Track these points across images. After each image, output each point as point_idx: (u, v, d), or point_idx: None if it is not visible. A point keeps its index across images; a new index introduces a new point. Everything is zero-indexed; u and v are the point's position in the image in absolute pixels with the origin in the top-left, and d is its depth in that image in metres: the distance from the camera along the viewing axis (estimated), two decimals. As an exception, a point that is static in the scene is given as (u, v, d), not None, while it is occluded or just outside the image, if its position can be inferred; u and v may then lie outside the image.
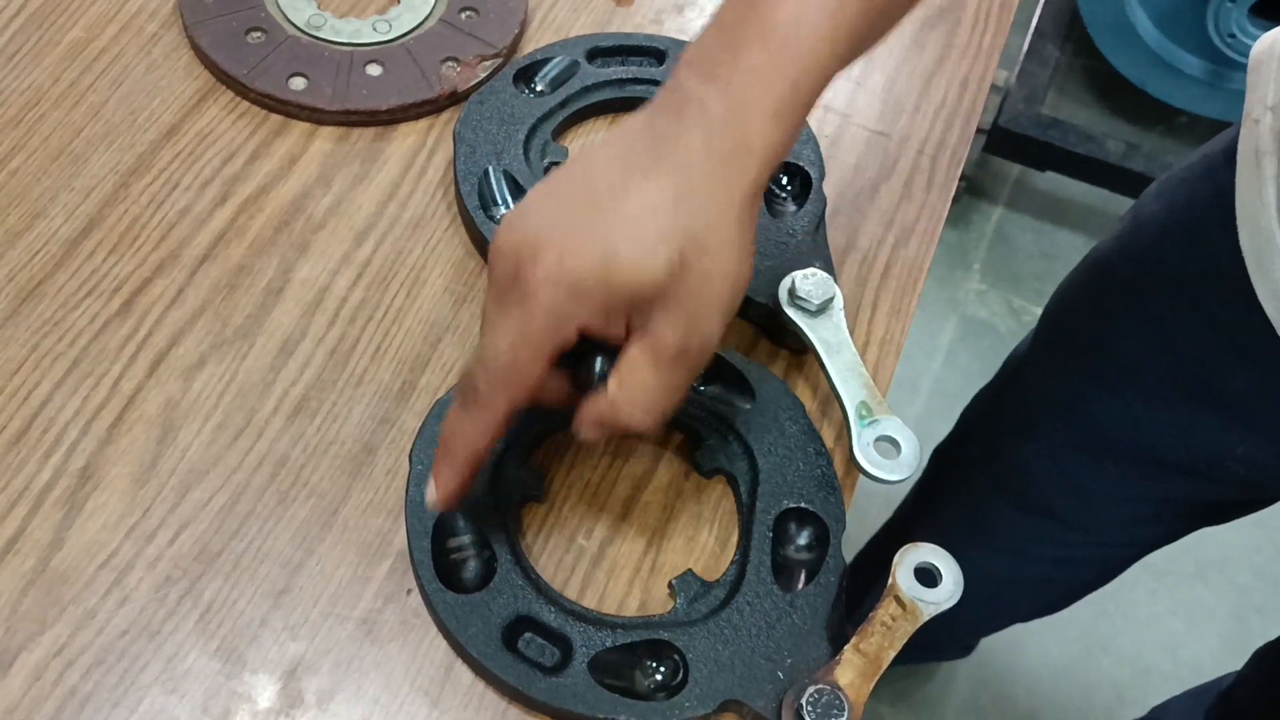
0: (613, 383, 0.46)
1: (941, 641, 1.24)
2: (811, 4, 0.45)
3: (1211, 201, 0.65)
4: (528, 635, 0.50)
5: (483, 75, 0.67)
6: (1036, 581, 1.00)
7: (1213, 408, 0.70)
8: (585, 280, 0.43)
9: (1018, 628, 1.42)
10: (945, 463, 1.01)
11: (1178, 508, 0.83)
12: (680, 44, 0.69)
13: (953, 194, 0.68)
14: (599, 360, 0.46)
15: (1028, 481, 0.86)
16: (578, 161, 0.47)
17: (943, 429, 1.03)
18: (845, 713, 0.47)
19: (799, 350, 0.60)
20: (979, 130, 1.72)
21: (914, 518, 1.09)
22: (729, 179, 0.44)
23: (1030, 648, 1.45)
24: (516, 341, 0.44)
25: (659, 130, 0.45)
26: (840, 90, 0.71)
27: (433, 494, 0.48)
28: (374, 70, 0.67)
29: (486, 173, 0.62)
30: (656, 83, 0.68)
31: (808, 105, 0.46)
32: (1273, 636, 0.92)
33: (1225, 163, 0.63)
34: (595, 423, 0.47)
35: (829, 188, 0.64)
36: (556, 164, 0.65)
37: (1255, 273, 0.61)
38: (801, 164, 0.65)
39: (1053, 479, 0.84)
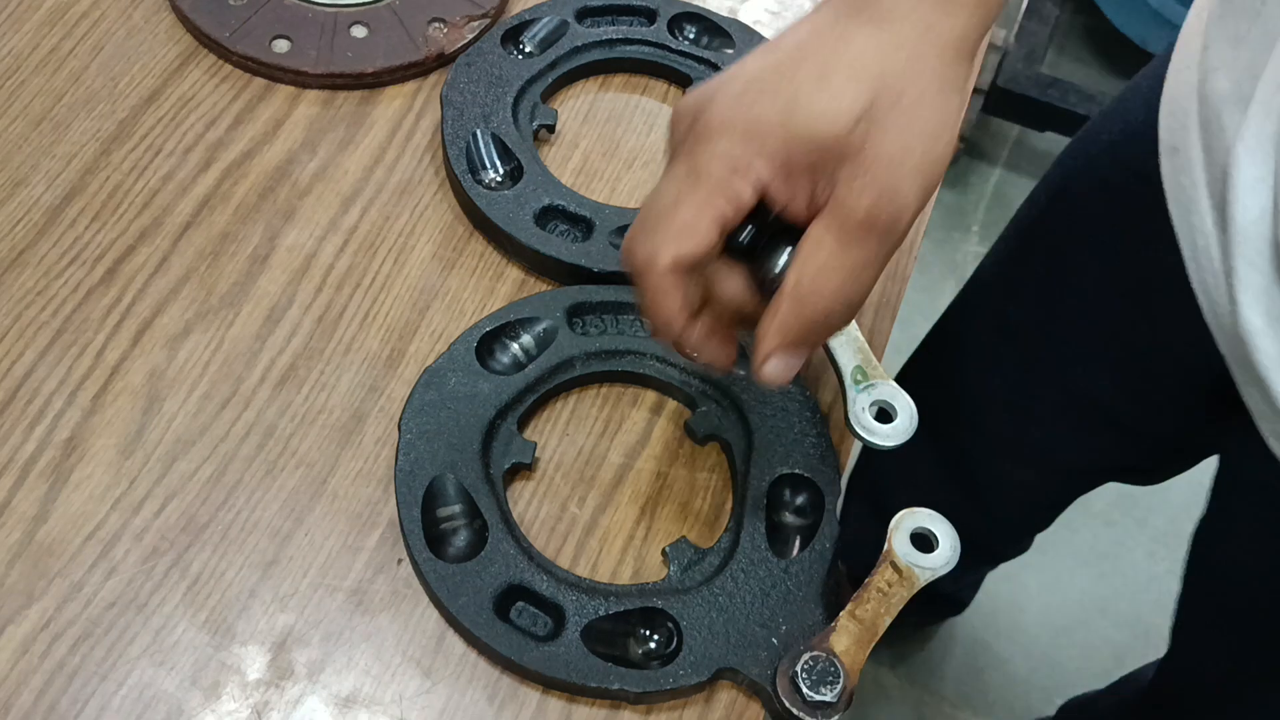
0: (793, 274, 0.40)
1: (932, 597, 1.24)
2: None
3: (1133, 108, 0.65)
4: (520, 604, 0.49)
5: (470, 36, 0.66)
6: (983, 509, 0.99)
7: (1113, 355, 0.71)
8: (763, 122, 0.39)
9: (1016, 588, 1.42)
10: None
11: (1087, 456, 0.84)
12: (671, 4, 0.68)
13: (951, 155, 0.67)
14: (783, 252, 0.41)
15: (972, 400, 0.87)
16: (759, 50, 0.43)
17: (941, 392, 1.02)
18: (840, 680, 0.46)
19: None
20: (977, 90, 1.70)
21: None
22: (933, 25, 0.40)
23: (1029, 609, 1.45)
24: (684, 189, 0.40)
25: (852, 13, 0.41)
26: (835, 49, 0.70)
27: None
28: (359, 32, 0.65)
29: (475, 136, 0.61)
30: (648, 43, 0.67)
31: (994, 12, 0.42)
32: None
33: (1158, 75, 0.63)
34: (779, 331, 0.41)
35: (823, 148, 0.63)
36: (546, 126, 0.64)
37: (1165, 159, 0.60)
38: (795, 124, 0.63)
39: (986, 396, 0.85)
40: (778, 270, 0.42)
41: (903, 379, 0.51)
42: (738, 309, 0.44)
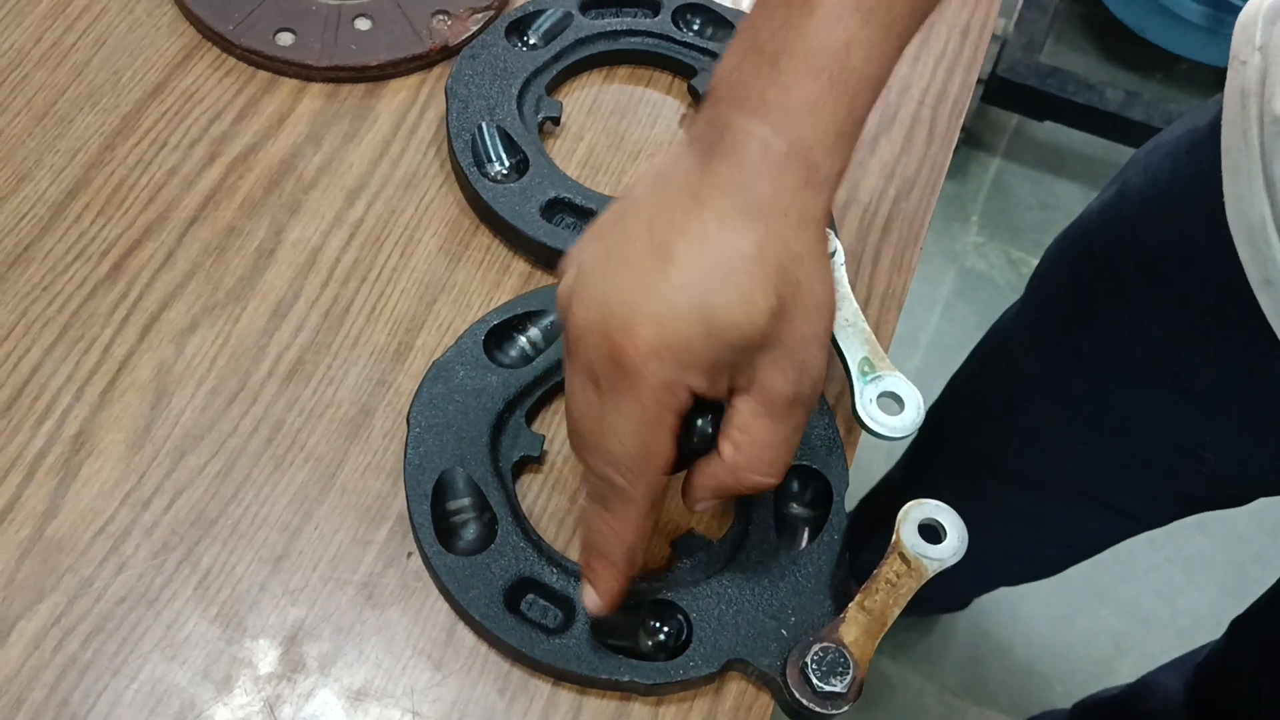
0: (726, 447, 0.44)
1: (934, 594, 1.25)
2: (857, 19, 0.42)
3: (1190, 179, 0.63)
4: (530, 597, 0.50)
5: (474, 28, 0.66)
6: (1019, 555, 1.00)
7: (1183, 394, 0.68)
8: (689, 343, 0.40)
9: (1017, 579, 1.42)
10: (936, 425, 1.01)
11: (1153, 498, 0.82)
12: (675, -6, 0.68)
13: (954, 145, 0.67)
14: (699, 421, 0.44)
15: (1010, 456, 0.86)
16: (628, 213, 0.43)
17: (941, 383, 1.02)
18: (850, 670, 0.46)
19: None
20: (977, 79, 1.70)
21: (908, 479, 1.09)
22: (804, 213, 0.42)
23: (1029, 598, 1.45)
24: (639, 429, 0.41)
25: (719, 175, 0.42)
26: (839, 40, 0.70)
27: (594, 599, 0.46)
28: (363, 24, 0.65)
29: (480, 129, 0.61)
30: (652, 34, 0.67)
31: (864, 120, 0.43)
32: (1271, 584, 0.92)
33: (1208, 136, 0.61)
34: (715, 490, 0.45)
35: (828, 140, 0.63)
36: (552, 119, 0.64)
37: (1234, 217, 0.59)
38: (800, 116, 0.63)
39: (1033, 456, 0.84)
40: (700, 439, 0.44)
41: (938, 419, 0.51)
42: None
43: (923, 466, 1.04)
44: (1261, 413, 0.65)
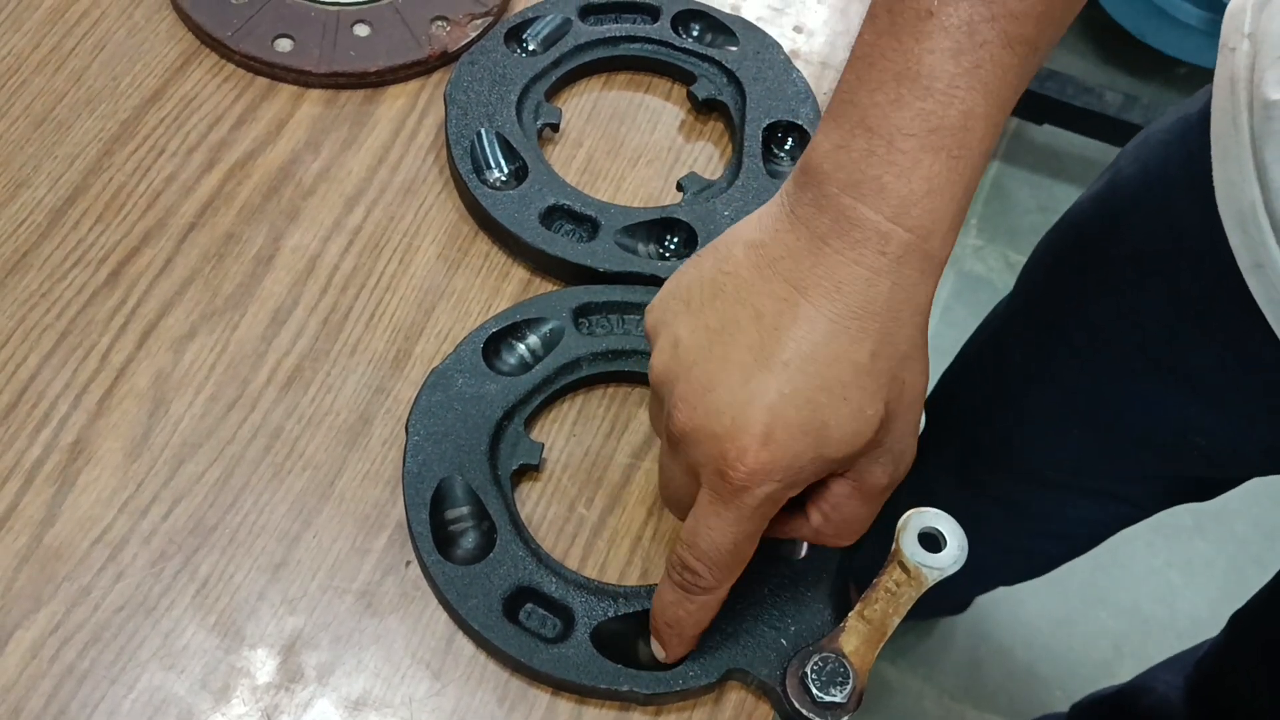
0: (815, 516, 0.45)
1: (935, 599, 1.24)
2: (974, 92, 0.39)
3: (1182, 166, 0.63)
4: (529, 606, 0.49)
5: (473, 34, 0.66)
6: (1016, 549, 1.00)
7: (1175, 381, 0.68)
8: (798, 464, 0.40)
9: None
10: (930, 419, 1.01)
11: (1146, 483, 0.82)
12: (674, 1, 0.68)
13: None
14: None
15: (1004, 446, 0.86)
16: (728, 291, 0.41)
17: (941, 386, 1.02)
18: (850, 680, 0.46)
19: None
20: (976, 83, 1.69)
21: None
22: (914, 307, 0.41)
23: (1029, 601, 1.45)
24: (737, 538, 0.42)
25: (834, 269, 0.40)
26: (839, 46, 0.70)
27: (661, 653, 0.47)
28: (362, 30, 0.65)
29: (479, 135, 0.61)
30: (651, 40, 0.67)
31: (971, 199, 0.42)
32: (1271, 578, 0.92)
33: (1199, 123, 0.61)
34: (794, 537, 0.47)
35: (828, 146, 0.63)
36: (551, 125, 0.64)
37: (1224, 203, 0.59)
38: (800, 122, 0.63)
39: (1026, 445, 0.84)
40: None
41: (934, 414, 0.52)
42: None
43: (917, 460, 1.04)
44: (1253, 397, 0.66)
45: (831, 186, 0.40)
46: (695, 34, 0.68)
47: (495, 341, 0.55)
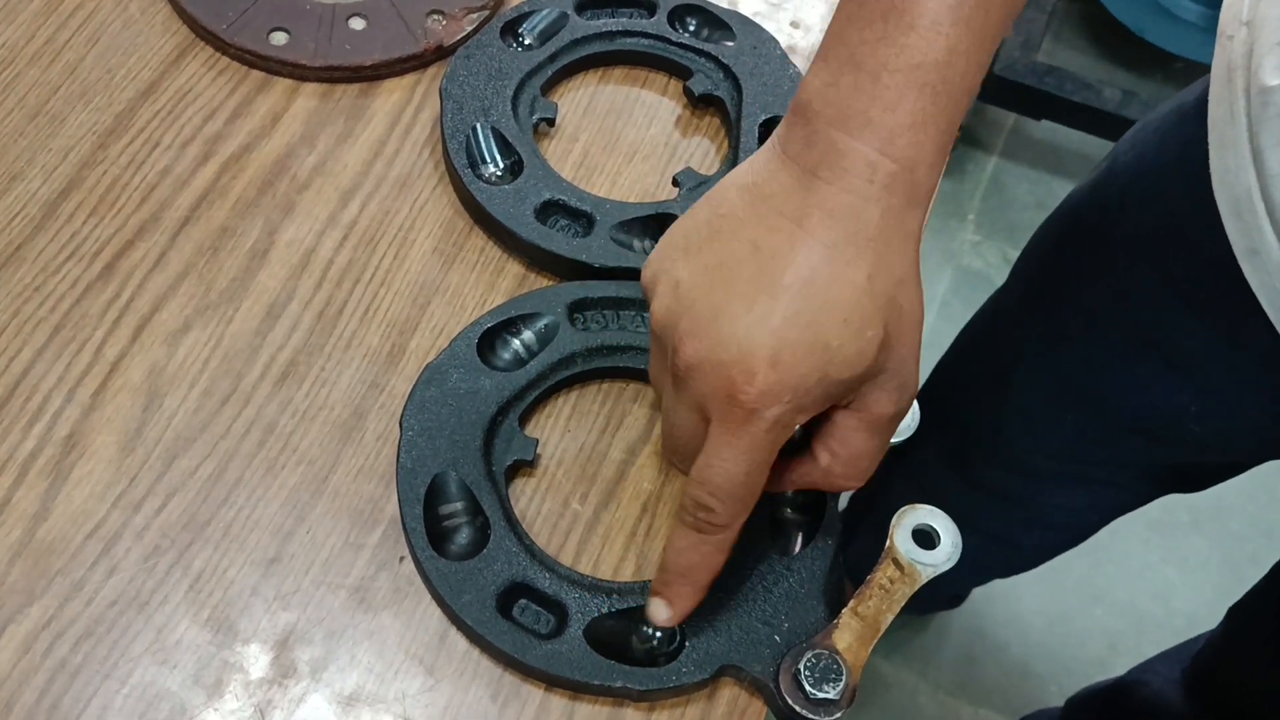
0: (823, 455, 0.45)
1: (929, 592, 1.24)
2: (958, 28, 0.41)
3: (1179, 153, 0.63)
4: (522, 602, 0.49)
5: (469, 28, 0.66)
6: (1009, 540, 1.00)
7: (1167, 365, 0.69)
8: (805, 383, 0.41)
9: (1012, 578, 1.42)
10: (925, 407, 1.00)
11: (1139, 470, 0.82)
12: (671, -6, 0.68)
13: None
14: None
15: (999, 433, 0.86)
16: (725, 231, 0.43)
17: (938, 382, 1.02)
18: (843, 677, 0.46)
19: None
20: (974, 78, 1.69)
21: (897, 457, 1.08)
22: (907, 233, 0.43)
23: (1024, 598, 1.45)
24: (750, 466, 0.42)
25: (825, 198, 0.41)
26: (835, 41, 0.70)
27: (665, 614, 0.47)
28: (357, 24, 0.65)
29: (475, 130, 0.61)
30: (648, 35, 0.67)
31: (959, 127, 0.43)
32: (1268, 570, 0.92)
33: (1195, 112, 0.62)
34: (803, 487, 0.47)
35: (824, 142, 0.63)
36: (546, 120, 0.63)
37: (1219, 189, 0.59)
38: (796, 118, 0.63)
39: (1020, 432, 0.84)
40: (792, 438, 0.44)
41: (927, 399, 0.52)
42: None
43: (911, 449, 1.04)
44: (1246, 383, 0.66)
45: (820, 122, 0.42)
46: (692, 29, 0.68)
47: (490, 337, 0.55)
